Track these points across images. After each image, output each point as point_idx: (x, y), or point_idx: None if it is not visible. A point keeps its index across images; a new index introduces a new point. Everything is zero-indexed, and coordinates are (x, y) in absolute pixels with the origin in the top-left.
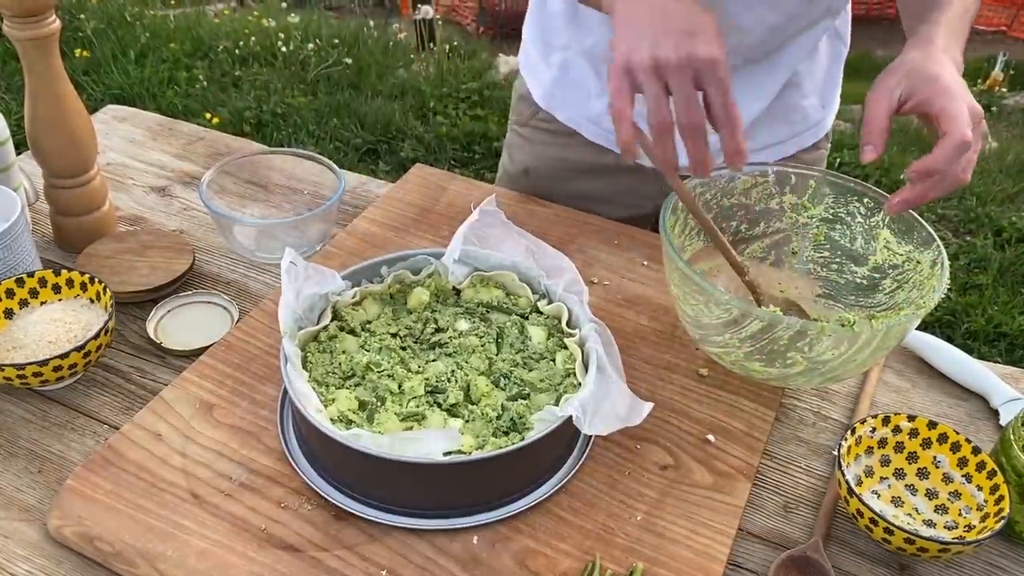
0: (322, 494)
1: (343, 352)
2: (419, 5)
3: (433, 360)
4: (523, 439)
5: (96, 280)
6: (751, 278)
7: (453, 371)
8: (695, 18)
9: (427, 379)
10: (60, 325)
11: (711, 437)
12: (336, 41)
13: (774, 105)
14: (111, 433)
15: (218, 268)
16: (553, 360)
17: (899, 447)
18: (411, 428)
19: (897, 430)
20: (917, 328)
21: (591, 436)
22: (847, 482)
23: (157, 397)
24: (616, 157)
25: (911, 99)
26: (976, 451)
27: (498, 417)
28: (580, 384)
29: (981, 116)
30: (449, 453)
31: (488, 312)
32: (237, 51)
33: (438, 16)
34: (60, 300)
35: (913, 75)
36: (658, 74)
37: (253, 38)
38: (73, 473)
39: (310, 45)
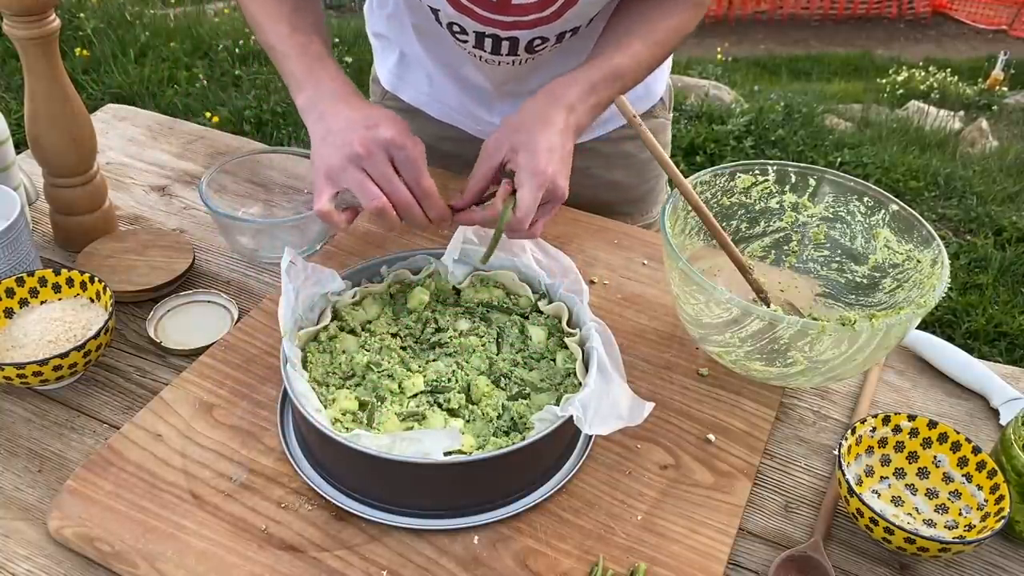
0: (322, 494)
1: (343, 352)
2: None
3: (433, 360)
4: (524, 439)
5: (96, 279)
6: (755, 276)
7: (453, 371)
8: (371, 113)
9: (427, 379)
10: (60, 324)
11: (711, 437)
12: (336, 40)
13: None
14: (111, 433)
15: (218, 268)
16: (553, 360)
17: (899, 446)
18: (411, 428)
19: (897, 429)
20: (917, 327)
21: (591, 436)
22: (847, 481)
23: (157, 397)
24: (459, 132)
25: (512, 157)
26: (976, 451)
27: (498, 417)
28: (580, 384)
29: (557, 191)
30: (449, 453)
31: (488, 312)
32: (237, 50)
33: None
34: (60, 299)
35: (517, 136)
36: (357, 166)
37: (253, 37)
38: (73, 473)
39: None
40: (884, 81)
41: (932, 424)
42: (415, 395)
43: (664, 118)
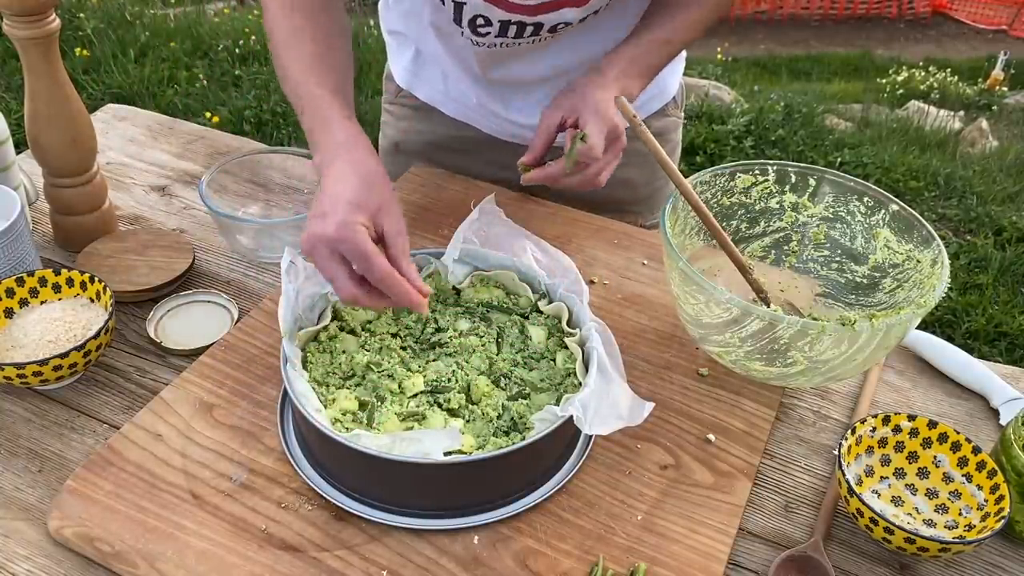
0: (322, 494)
1: (343, 352)
2: None
3: (433, 360)
4: (524, 439)
5: (96, 279)
6: (755, 276)
7: (453, 371)
8: (334, 193)
9: (427, 379)
10: (60, 324)
11: (711, 437)
12: None
13: None
14: (111, 433)
15: (218, 268)
16: (553, 360)
17: (899, 446)
18: (411, 428)
19: (897, 429)
20: (917, 327)
21: (591, 436)
22: (847, 481)
23: (157, 397)
24: (474, 131)
25: (571, 116)
26: (976, 451)
27: (499, 417)
28: (580, 384)
29: (620, 133)
30: (449, 453)
31: (488, 312)
32: (237, 50)
33: None
34: (60, 299)
35: (574, 97)
36: (310, 256)
37: (253, 37)
38: (73, 474)
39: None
40: (884, 81)
41: (932, 424)
42: (415, 395)
43: (676, 116)
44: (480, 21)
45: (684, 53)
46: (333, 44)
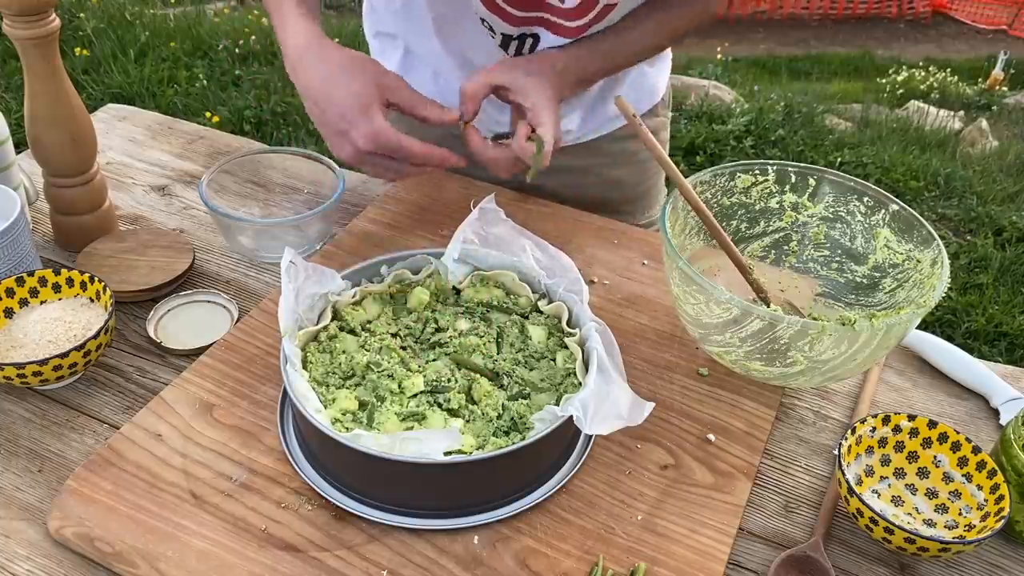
0: (322, 494)
1: (343, 352)
2: None
3: (433, 360)
4: (524, 439)
5: (96, 279)
6: (755, 276)
7: (453, 371)
8: (345, 108)
9: (427, 379)
10: (60, 324)
11: (711, 436)
12: (336, 40)
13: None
14: (111, 433)
15: (218, 268)
16: (553, 360)
17: (899, 446)
18: (411, 428)
19: (897, 429)
20: (917, 327)
21: (591, 436)
22: (847, 481)
23: (157, 397)
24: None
25: (516, 97)
26: (976, 450)
27: (498, 417)
28: (580, 384)
29: (560, 141)
30: (449, 453)
31: (488, 312)
32: (237, 50)
33: None
34: (60, 299)
35: (524, 81)
36: (362, 162)
37: (253, 37)
38: (73, 474)
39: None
40: (884, 81)
41: (932, 424)
42: (415, 395)
43: (664, 116)
44: (486, 25)
45: (669, 52)
46: None
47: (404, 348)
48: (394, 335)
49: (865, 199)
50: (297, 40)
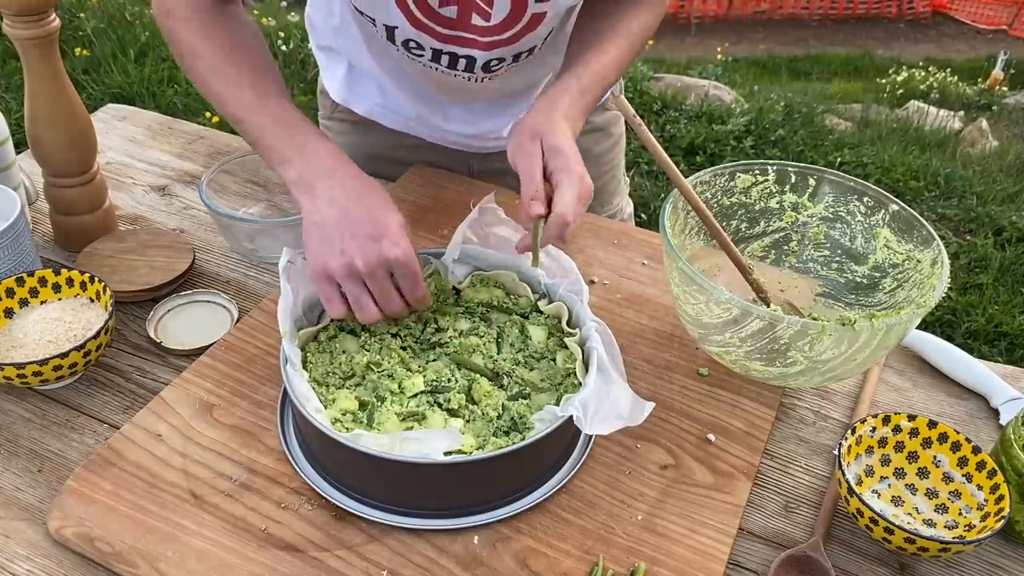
0: (322, 494)
1: (343, 352)
2: None
3: (433, 360)
4: (524, 439)
5: (96, 279)
6: (755, 276)
7: (453, 371)
8: (377, 218)
9: (427, 379)
10: (60, 324)
11: (711, 436)
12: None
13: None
14: (111, 433)
15: (218, 268)
16: (553, 360)
17: (899, 446)
18: (411, 428)
19: (897, 429)
20: (917, 327)
21: (591, 436)
22: (847, 481)
23: (157, 397)
24: (415, 139)
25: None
26: (976, 450)
27: (499, 417)
28: (581, 384)
29: (591, 190)
30: (450, 453)
31: (488, 312)
32: None
33: None
34: (60, 299)
35: (537, 142)
36: (354, 279)
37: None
38: (73, 474)
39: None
40: (884, 81)
41: (932, 424)
42: (415, 395)
43: (613, 110)
44: (413, 44)
45: None
46: (254, 46)
47: (404, 348)
48: (394, 335)
49: (865, 199)
50: (332, 161)
